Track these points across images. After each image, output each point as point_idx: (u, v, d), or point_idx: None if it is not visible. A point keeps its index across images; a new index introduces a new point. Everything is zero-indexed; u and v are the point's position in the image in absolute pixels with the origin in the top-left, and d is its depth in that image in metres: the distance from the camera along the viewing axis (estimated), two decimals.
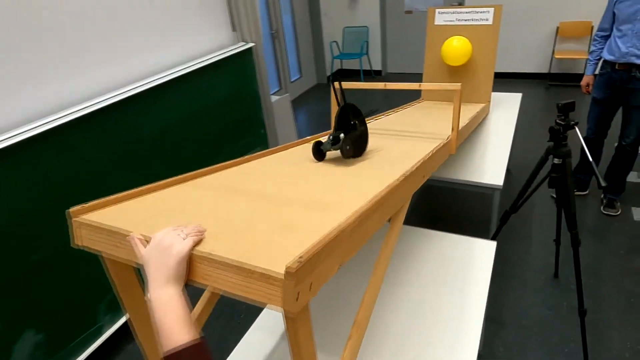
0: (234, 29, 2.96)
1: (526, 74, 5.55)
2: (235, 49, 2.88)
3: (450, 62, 2.81)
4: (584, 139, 3.06)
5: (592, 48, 2.78)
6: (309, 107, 5.66)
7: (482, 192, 2.19)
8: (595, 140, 2.90)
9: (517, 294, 2.30)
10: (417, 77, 2.65)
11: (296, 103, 5.78)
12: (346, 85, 1.63)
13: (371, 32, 6.22)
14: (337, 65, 6.70)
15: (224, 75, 2.81)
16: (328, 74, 6.44)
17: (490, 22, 2.77)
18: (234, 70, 2.88)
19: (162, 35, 2.45)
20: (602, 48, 2.71)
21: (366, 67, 6.50)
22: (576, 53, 5.09)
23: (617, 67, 2.58)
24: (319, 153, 1.33)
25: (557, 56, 5.05)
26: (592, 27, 4.95)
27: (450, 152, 1.60)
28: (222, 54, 2.77)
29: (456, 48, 2.74)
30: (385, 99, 5.77)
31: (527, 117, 4.26)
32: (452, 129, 1.59)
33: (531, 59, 5.47)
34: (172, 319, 0.60)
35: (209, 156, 2.72)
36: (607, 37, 2.68)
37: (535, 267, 2.48)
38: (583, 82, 2.90)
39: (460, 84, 1.52)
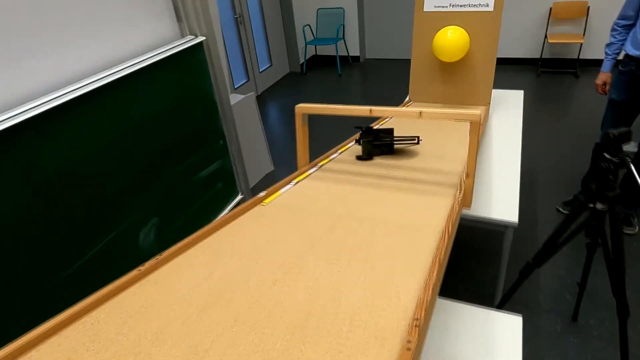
0: (179, 19, 2.39)
1: (515, 59, 5.12)
2: (180, 44, 2.32)
3: (444, 58, 2.33)
4: (596, 144, 2.68)
5: (611, 40, 2.34)
6: (281, 99, 5.11)
7: (489, 228, 1.74)
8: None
9: (531, 345, 1.89)
10: (399, 64, 2.22)
11: (267, 95, 5.22)
12: (315, 109, 1.15)
13: (347, 14, 5.66)
14: (310, 51, 6.13)
15: (166, 79, 2.26)
16: (301, 61, 5.87)
17: (490, 8, 2.29)
18: (180, 71, 2.34)
19: (75, 30, 1.88)
20: (624, 40, 2.26)
21: (343, 52, 5.95)
22: (571, 37, 4.67)
23: None
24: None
25: (550, 40, 4.62)
26: (588, 8, 4.52)
27: (465, 206, 1.14)
28: (162, 52, 2.22)
29: (451, 41, 2.26)
30: (366, 99, 5.26)
31: None
32: (467, 176, 1.13)
33: (521, 43, 5.03)
34: None
35: (148, 186, 2.19)
36: (630, 27, 2.24)
37: (547, 307, 2.08)
38: (599, 81, 2.46)
39: (479, 112, 1.05)
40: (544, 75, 4.84)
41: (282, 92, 5.33)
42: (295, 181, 1.25)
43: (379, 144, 1.47)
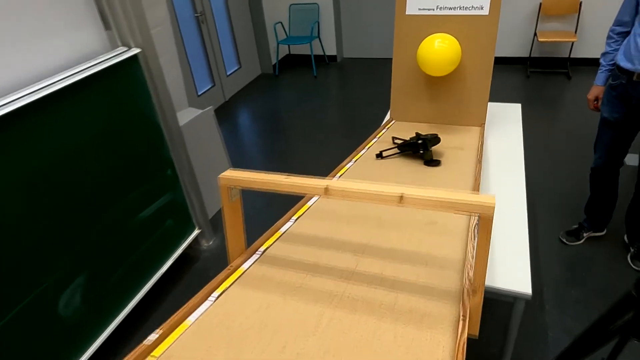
0: (107, 27, 1.94)
1: (502, 58, 4.78)
2: (108, 58, 1.88)
3: (431, 72, 1.94)
4: (592, 169, 2.20)
5: (607, 48, 1.98)
6: (252, 104, 4.67)
7: (493, 297, 1.37)
8: (607, 171, 2.15)
9: None
10: (381, 63, 1.84)
11: (236, 101, 4.77)
12: (248, 182, 0.76)
13: (322, 10, 5.23)
14: (283, 51, 5.68)
15: (94, 100, 1.82)
16: (274, 62, 5.42)
17: (486, 11, 1.91)
18: (111, 90, 1.90)
19: None
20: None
21: (319, 52, 5.52)
22: (562, 35, 4.33)
23: (635, 79, 1.81)
24: None
25: (540, 39, 4.28)
26: (581, 3, 4.19)
27: (471, 333, 0.76)
28: (86, 69, 1.77)
29: (439, 52, 1.87)
30: (342, 120, 4.86)
31: None
32: (475, 292, 0.74)
33: (509, 41, 4.68)
34: None
35: (74, 233, 1.76)
36: (626, 35, 1.89)
37: None
38: (590, 95, 2.11)
39: (492, 201, 0.66)
40: (533, 76, 4.51)
41: (253, 96, 4.89)
42: (216, 293, 0.85)
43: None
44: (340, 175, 1.57)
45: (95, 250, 1.87)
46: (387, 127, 2.14)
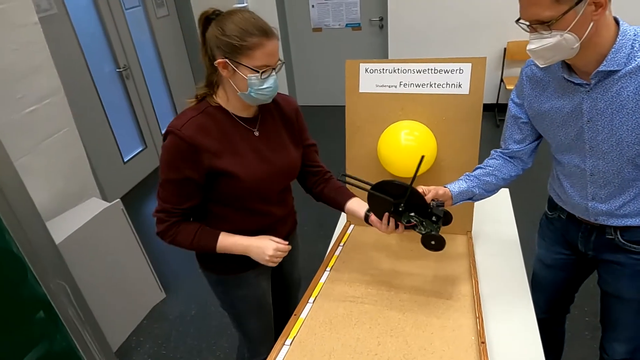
0: None
1: None
2: None
3: (398, 174, 1.42)
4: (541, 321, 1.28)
5: (484, 163, 1.34)
6: None
7: None
8: (549, 322, 1.53)
9: None
10: (333, 111, 1.39)
11: None
12: None
13: None
14: None
15: None
16: None
17: (465, 89, 1.42)
18: None
19: None
20: (494, 171, 1.29)
21: None
22: None
23: (578, 217, 1.24)
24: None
25: (508, 86, 3.94)
26: None
27: None
28: None
29: (407, 149, 1.36)
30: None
31: None
32: None
33: None
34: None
35: None
36: (510, 157, 1.32)
37: None
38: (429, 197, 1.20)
39: None
40: (503, 124, 4.15)
41: None
42: None
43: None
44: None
45: None
46: (345, 234, 1.59)
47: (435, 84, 1.43)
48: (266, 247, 1.17)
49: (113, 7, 3.29)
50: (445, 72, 1.42)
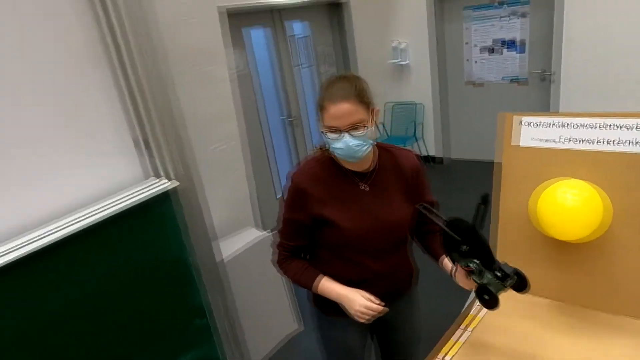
0: (140, 154, 1.69)
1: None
2: (136, 192, 1.59)
3: (560, 236, 1.27)
4: None
5: None
6: None
7: None
8: None
9: None
10: (488, 167, 1.29)
11: None
12: None
13: (425, 109, 4.81)
14: None
15: (111, 243, 1.53)
16: None
17: None
18: (132, 232, 1.59)
19: None
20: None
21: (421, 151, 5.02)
22: None
23: None
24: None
25: None
26: None
27: None
28: (104, 207, 1.50)
29: (572, 211, 1.21)
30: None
31: None
32: None
33: None
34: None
35: None
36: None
37: None
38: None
39: None
40: None
41: None
42: None
43: None
44: None
45: None
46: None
47: (607, 140, 1.27)
48: (354, 302, 1.18)
49: (286, 64, 3.80)
50: (629, 129, 1.25)
